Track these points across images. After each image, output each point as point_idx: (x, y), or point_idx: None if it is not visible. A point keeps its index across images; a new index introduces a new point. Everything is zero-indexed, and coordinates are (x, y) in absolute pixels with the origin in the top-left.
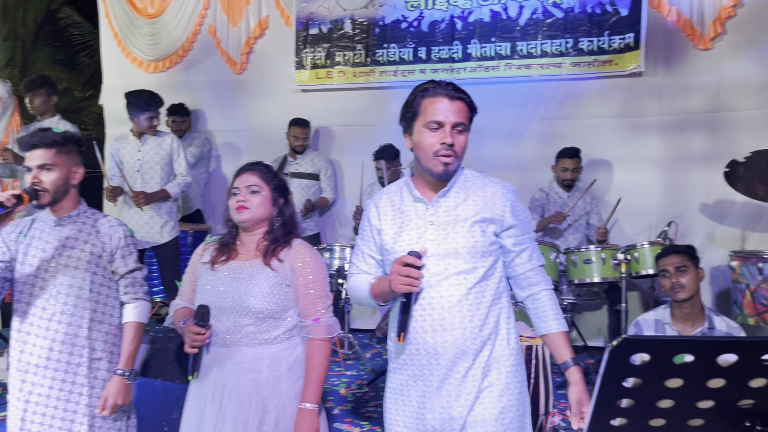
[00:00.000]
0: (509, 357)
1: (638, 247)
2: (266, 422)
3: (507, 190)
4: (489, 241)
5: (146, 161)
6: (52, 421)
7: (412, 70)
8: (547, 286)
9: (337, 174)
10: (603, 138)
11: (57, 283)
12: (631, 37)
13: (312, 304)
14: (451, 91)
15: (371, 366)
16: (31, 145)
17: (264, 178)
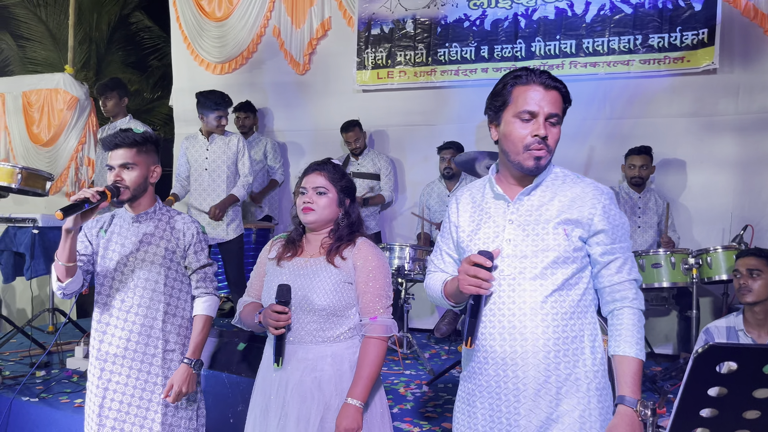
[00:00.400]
0: (593, 379)
1: (711, 252)
2: (328, 420)
3: (600, 192)
4: (573, 247)
5: (213, 160)
6: (128, 408)
7: (474, 69)
8: (634, 304)
9: (397, 173)
10: (674, 138)
11: (134, 276)
12: (704, 33)
13: (371, 302)
14: (547, 79)
15: (430, 366)
16: (113, 145)
17: (331, 179)
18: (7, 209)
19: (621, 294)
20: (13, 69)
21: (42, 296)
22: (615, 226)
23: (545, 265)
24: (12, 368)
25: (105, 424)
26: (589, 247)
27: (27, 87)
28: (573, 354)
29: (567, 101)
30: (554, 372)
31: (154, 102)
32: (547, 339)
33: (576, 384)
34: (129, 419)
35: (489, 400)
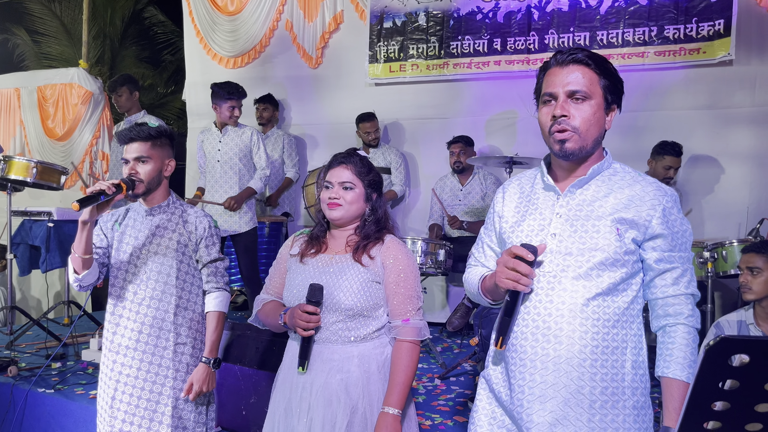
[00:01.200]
0: (630, 397)
1: (726, 246)
2: (355, 423)
3: (663, 193)
4: (625, 249)
5: (226, 152)
6: (138, 401)
7: (487, 62)
8: (689, 321)
9: (409, 167)
10: (689, 131)
11: (147, 269)
12: (720, 24)
13: (402, 304)
14: (564, 56)
15: (442, 359)
16: (128, 139)
17: (358, 172)
18: (23, 203)
19: (675, 309)
20: (28, 64)
21: (57, 289)
22: (675, 232)
23: (591, 266)
24: (28, 360)
25: (116, 416)
26: (643, 251)
27: (42, 82)
28: (612, 366)
29: (603, 73)
30: (588, 383)
31: (168, 96)
32: (584, 345)
33: (612, 399)
34: (139, 412)
35: (513, 404)
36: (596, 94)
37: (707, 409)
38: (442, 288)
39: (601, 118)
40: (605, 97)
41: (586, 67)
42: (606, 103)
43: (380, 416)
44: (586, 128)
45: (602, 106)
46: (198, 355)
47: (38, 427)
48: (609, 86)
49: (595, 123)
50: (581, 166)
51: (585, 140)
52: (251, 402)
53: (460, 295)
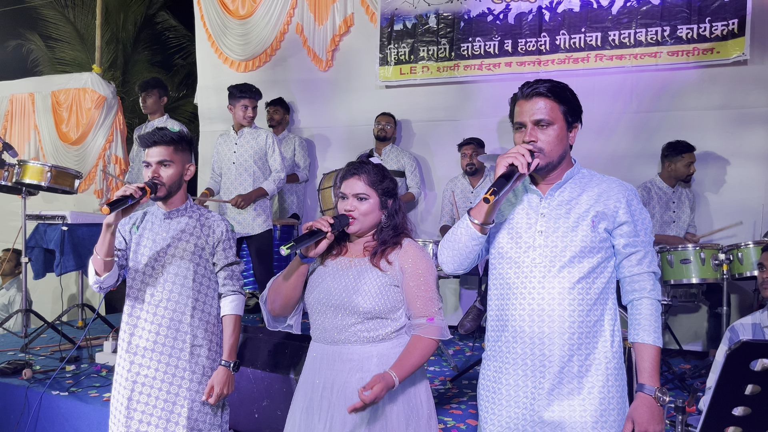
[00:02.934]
0: (611, 359)
1: (742, 247)
2: (375, 421)
3: (625, 188)
4: (599, 238)
5: (241, 154)
6: (155, 402)
7: (498, 63)
8: (651, 295)
9: (422, 169)
10: (703, 131)
11: (164, 271)
12: (734, 23)
13: (425, 306)
14: (527, 89)
15: (454, 362)
16: (151, 142)
17: (371, 182)
18: (37, 207)
19: (640, 285)
20: (42, 69)
21: (72, 292)
22: (637, 220)
23: (573, 255)
24: (42, 363)
25: (133, 417)
26: (613, 238)
27: (56, 87)
28: (594, 336)
29: (561, 101)
30: (576, 352)
31: (179, 100)
32: (573, 322)
33: (595, 363)
34: (156, 413)
35: (514, 377)
36: (558, 119)
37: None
38: (454, 291)
39: (563, 138)
40: (566, 120)
41: (546, 98)
42: (567, 124)
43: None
44: (550, 148)
45: (564, 127)
46: (214, 357)
47: (52, 430)
48: (568, 110)
49: (559, 143)
50: (555, 173)
51: (551, 157)
52: (263, 405)
53: (472, 298)
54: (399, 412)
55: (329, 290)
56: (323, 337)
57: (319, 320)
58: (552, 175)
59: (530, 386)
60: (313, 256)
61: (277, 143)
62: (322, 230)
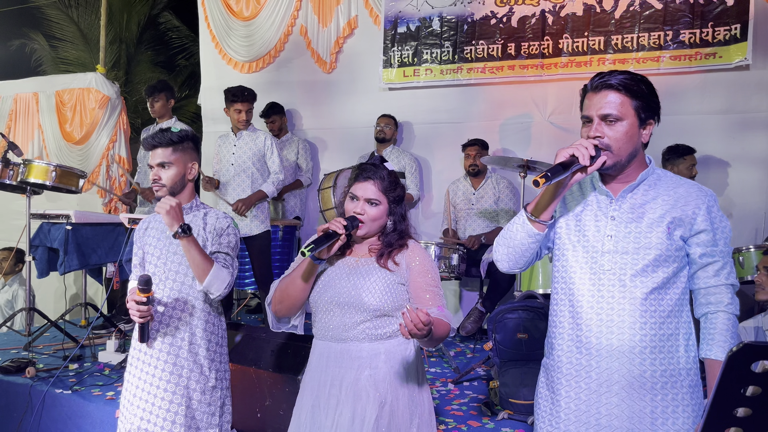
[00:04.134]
0: (685, 377)
1: (743, 251)
2: (383, 417)
3: (705, 193)
4: (675, 246)
5: (239, 155)
6: (154, 399)
7: (501, 66)
8: (729, 309)
9: (422, 171)
10: (705, 135)
11: (166, 269)
12: (737, 28)
13: (434, 298)
14: (597, 81)
15: (455, 364)
16: (152, 146)
17: (384, 189)
18: (41, 206)
19: (716, 297)
20: (46, 69)
21: (74, 291)
22: (717, 228)
23: (646, 263)
24: (46, 361)
25: (136, 414)
26: (688, 247)
27: (60, 86)
28: (668, 351)
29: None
30: (650, 367)
31: (182, 101)
32: (644, 335)
33: (670, 380)
34: (154, 411)
35: (576, 390)
36: (628, 114)
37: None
38: (455, 292)
39: (634, 135)
40: (638, 116)
41: (617, 92)
42: (640, 120)
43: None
44: (618, 146)
45: (635, 124)
46: (212, 356)
47: (55, 428)
48: (641, 106)
49: (628, 140)
50: (628, 174)
51: (618, 156)
52: (266, 405)
53: (473, 300)
54: (404, 407)
55: (337, 289)
56: (329, 335)
57: (325, 319)
58: (623, 175)
59: (594, 401)
60: (325, 258)
61: (276, 145)
62: (337, 232)
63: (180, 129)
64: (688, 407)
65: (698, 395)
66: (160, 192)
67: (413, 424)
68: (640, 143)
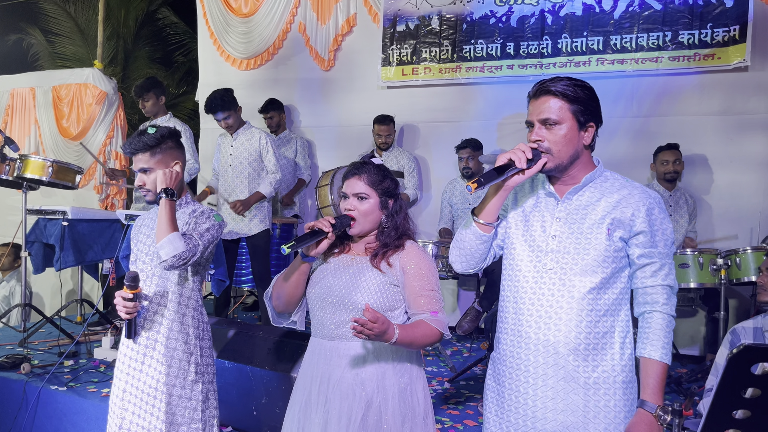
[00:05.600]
0: (619, 373)
1: (740, 253)
2: (369, 416)
3: (647, 196)
4: (614, 247)
5: (236, 156)
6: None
7: (500, 65)
8: (664, 309)
9: (421, 170)
10: (703, 137)
11: (153, 265)
12: (736, 30)
13: (428, 302)
14: (537, 87)
15: (452, 363)
16: (131, 152)
17: (372, 182)
18: (36, 201)
19: (653, 297)
20: (42, 64)
21: (70, 287)
22: (656, 230)
23: (586, 263)
24: (41, 357)
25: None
26: (628, 248)
27: (57, 82)
28: (602, 348)
29: (572, 99)
30: (582, 363)
31: (180, 97)
32: (580, 332)
33: (603, 376)
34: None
35: (516, 383)
36: (566, 118)
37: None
38: (453, 291)
39: (573, 138)
40: (577, 120)
41: (555, 96)
42: (579, 123)
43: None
44: (558, 149)
45: (574, 127)
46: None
47: (50, 425)
48: (580, 110)
49: (567, 143)
50: (573, 175)
51: (559, 158)
52: (262, 402)
53: (470, 299)
54: (395, 408)
55: (329, 287)
56: (322, 332)
57: (319, 315)
58: (568, 176)
59: (531, 394)
60: (314, 256)
61: (272, 143)
62: (323, 230)
63: (156, 129)
64: (620, 402)
65: (632, 392)
66: (147, 197)
67: (405, 427)
68: (582, 145)
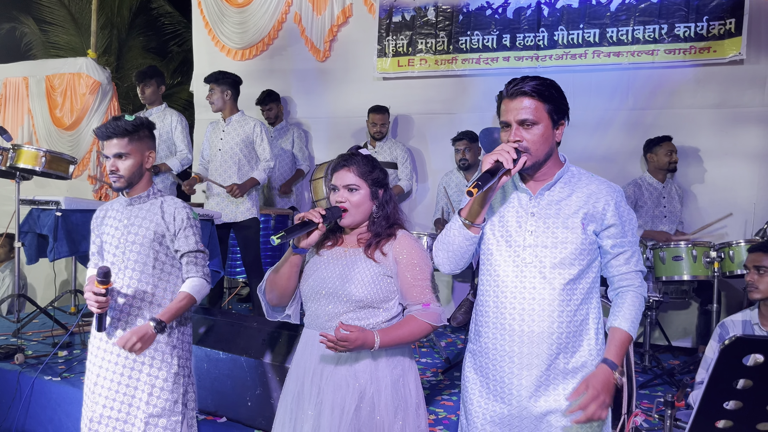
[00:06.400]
0: (596, 357)
1: (733, 245)
2: (362, 407)
3: (613, 189)
4: (588, 240)
5: (227, 141)
6: (117, 387)
7: (496, 57)
8: (638, 290)
9: (415, 162)
10: (698, 129)
11: (125, 258)
12: (731, 23)
13: (421, 293)
14: (512, 88)
15: (446, 354)
16: (106, 136)
17: (361, 173)
18: (29, 192)
19: (628, 281)
20: (36, 53)
21: (64, 278)
22: (624, 221)
23: (564, 256)
24: (34, 348)
25: (98, 402)
26: (600, 239)
27: (50, 71)
28: (580, 335)
29: (546, 99)
30: (563, 350)
31: (174, 87)
32: (562, 322)
33: (581, 361)
34: (118, 397)
35: (501, 373)
36: (542, 118)
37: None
38: (447, 283)
39: (549, 136)
40: (551, 118)
41: (531, 98)
42: (553, 122)
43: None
44: (536, 148)
45: (549, 126)
46: (174, 343)
47: (44, 415)
48: (553, 108)
49: (544, 142)
50: (544, 172)
51: (537, 156)
52: (257, 393)
53: (464, 291)
54: (387, 400)
55: (323, 279)
56: (315, 323)
57: (313, 307)
58: (540, 173)
59: (516, 383)
60: (305, 247)
61: (266, 132)
62: (313, 221)
63: (135, 117)
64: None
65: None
66: (118, 183)
67: (398, 418)
68: (554, 143)
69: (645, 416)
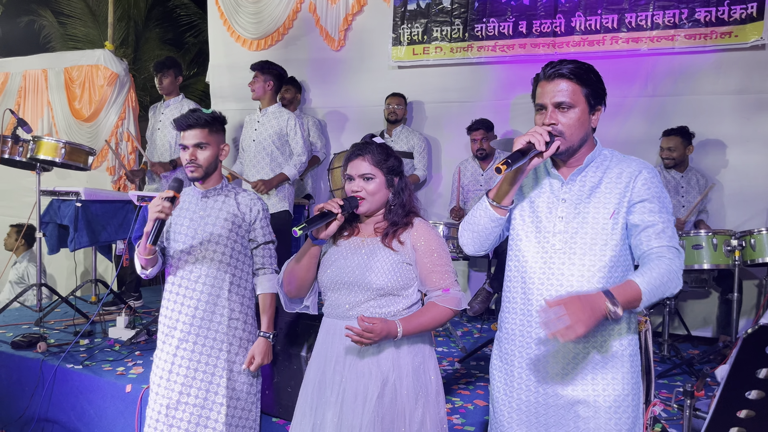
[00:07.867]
0: (627, 346)
1: (755, 234)
2: (385, 394)
3: (644, 165)
4: (620, 225)
5: (261, 132)
6: (195, 374)
7: (512, 44)
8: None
9: (431, 151)
10: (719, 116)
11: (202, 249)
12: (753, 7)
13: (441, 279)
14: (550, 70)
15: (462, 343)
16: (186, 126)
17: (376, 161)
18: (50, 182)
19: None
20: (54, 45)
21: (85, 268)
22: (655, 196)
23: (594, 242)
24: (57, 336)
25: (174, 389)
26: (632, 215)
27: (69, 63)
28: (610, 323)
29: (584, 83)
30: (591, 339)
31: (191, 78)
32: None
33: (612, 349)
34: (195, 384)
35: (528, 361)
36: (579, 102)
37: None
38: (464, 273)
39: (585, 121)
40: (588, 103)
41: (569, 80)
42: (590, 107)
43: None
44: (570, 132)
45: (586, 110)
46: (250, 329)
47: (66, 402)
48: (591, 93)
49: (580, 126)
50: (578, 158)
51: (571, 141)
52: (275, 382)
53: (481, 280)
54: (409, 387)
55: (342, 269)
56: (336, 312)
57: (333, 297)
58: (573, 159)
59: (542, 371)
60: (324, 238)
61: (301, 126)
62: (332, 212)
63: (212, 111)
64: (627, 375)
65: (637, 365)
66: (195, 173)
67: (419, 404)
68: (590, 128)
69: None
